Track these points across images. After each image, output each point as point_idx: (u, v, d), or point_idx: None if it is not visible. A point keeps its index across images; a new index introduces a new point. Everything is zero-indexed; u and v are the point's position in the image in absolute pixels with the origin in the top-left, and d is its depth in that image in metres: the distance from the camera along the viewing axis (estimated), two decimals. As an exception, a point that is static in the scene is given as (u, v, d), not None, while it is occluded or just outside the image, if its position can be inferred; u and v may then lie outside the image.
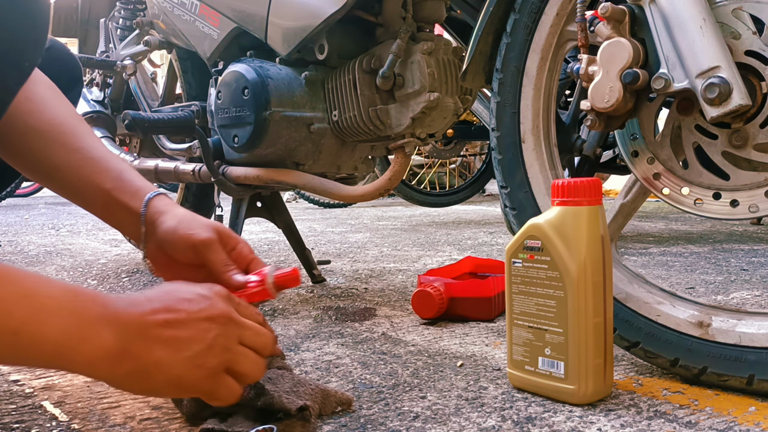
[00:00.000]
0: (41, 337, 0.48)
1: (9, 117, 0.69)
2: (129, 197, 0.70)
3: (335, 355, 0.92)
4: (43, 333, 0.48)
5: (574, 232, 0.69)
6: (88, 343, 0.50)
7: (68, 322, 0.49)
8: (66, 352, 0.49)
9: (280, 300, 1.31)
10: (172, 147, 1.46)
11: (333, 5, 1.07)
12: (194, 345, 0.54)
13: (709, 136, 0.74)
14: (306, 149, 1.21)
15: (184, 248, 0.67)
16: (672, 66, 0.72)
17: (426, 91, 1.07)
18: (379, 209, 4.04)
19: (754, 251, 1.89)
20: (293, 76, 1.18)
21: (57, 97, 0.74)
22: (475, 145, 4.36)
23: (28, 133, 0.70)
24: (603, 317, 0.70)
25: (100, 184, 0.70)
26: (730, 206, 0.74)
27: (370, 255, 1.96)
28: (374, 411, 0.70)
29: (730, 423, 0.66)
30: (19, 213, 4.06)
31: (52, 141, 0.71)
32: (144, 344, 0.52)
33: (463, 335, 1.02)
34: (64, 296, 0.50)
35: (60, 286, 0.51)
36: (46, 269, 1.78)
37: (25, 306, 0.48)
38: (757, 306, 1.20)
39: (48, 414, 0.71)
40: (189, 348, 0.54)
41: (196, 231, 0.67)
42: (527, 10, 0.88)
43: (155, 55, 1.87)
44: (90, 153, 0.72)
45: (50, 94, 0.74)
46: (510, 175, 0.91)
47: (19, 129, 0.70)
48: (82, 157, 0.71)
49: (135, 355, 0.52)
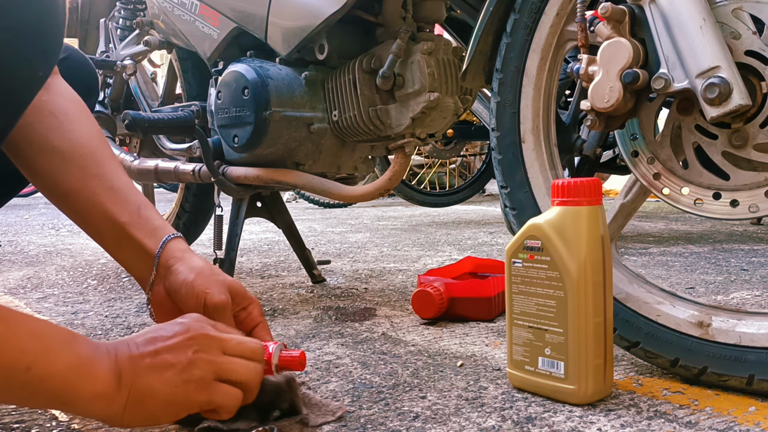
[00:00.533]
0: (50, 373, 0.51)
1: (29, 131, 0.67)
2: (144, 235, 0.69)
3: (335, 355, 0.92)
4: (52, 369, 0.51)
5: (574, 232, 0.69)
6: (91, 377, 0.53)
7: (73, 360, 0.53)
8: (71, 387, 0.52)
9: (280, 300, 1.31)
10: (172, 147, 1.46)
11: (333, 5, 1.07)
12: (177, 363, 0.57)
13: (709, 136, 0.74)
14: (306, 149, 1.21)
15: (196, 305, 0.67)
16: (672, 66, 0.72)
17: (426, 91, 1.07)
18: (379, 209, 4.04)
19: (754, 251, 1.89)
20: (293, 76, 1.18)
21: (83, 116, 0.72)
22: (475, 145, 4.36)
23: (48, 152, 0.68)
24: (603, 317, 0.70)
25: (116, 217, 0.69)
26: (730, 206, 0.74)
27: (370, 255, 1.96)
28: (374, 411, 0.70)
29: (730, 423, 0.66)
30: (19, 213, 4.06)
31: (71, 163, 0.69)
32: (134, 375, 0.55)
33: (463, 335, 1.02)
34: (66, 337, 0.54)
35: (60, 329, 0.54)
36: (46, 269, 1.78)
37: (38, 344, 0.51)
38: (757, 306, 1.20)
39: (48, 414, 0.71)
40: (173, 366, 0.56)
41: (213, 291, 0.67)
42: (527, 10, 0.88)
43: (155, 55, 1.87)
44: (110, 182, 0.70)
45: (76, 111, 0.71)
46: (510, 175, 0.91)
47: (39, 145, 0.68)
48: (100, 184, 0.69)
49: (128, 385, 0.55)
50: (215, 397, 0.58)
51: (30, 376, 0.50)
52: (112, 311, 1.24)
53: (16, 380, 0.50)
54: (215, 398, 0.58)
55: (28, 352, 0.50)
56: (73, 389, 0.52)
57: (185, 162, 1.42)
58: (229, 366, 0.59)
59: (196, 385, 0.57)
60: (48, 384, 0.51)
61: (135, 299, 1.35)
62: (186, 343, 0.58)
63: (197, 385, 0.57)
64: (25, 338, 0.51)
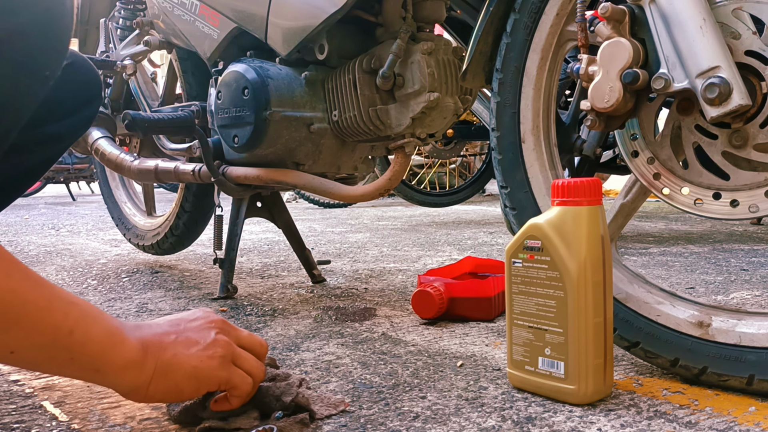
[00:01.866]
0: (90, 338, 0.54)
1: None
2: None
3: (335, 355, 0.92)
4: (90, 335, 0.54)
5: (574, 232, 0.69)
6: (122, 346, 0.56)
7: (106, 328, 0.55)
8: (106, 354, 0.55)
9: (280, 300, 1.31)
10: (172, 147, 1.46)
11: (333, 5, 1.07)
12: (201, 340, 0.61)
13: (709, 136, 0.74)
14: (306, 149, 1.21)
15: None
16: (672, 66, 0.72)
17: (426, 91, 1.07)
18: (379, 209, 4.04)
19: (754, 251, 1.89)
20: (293, 76, 1.18)
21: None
22: (475, 145, 4.36)
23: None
24: (603, 317, 0.70)
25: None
26: (730, 206, 0.74)
27: (370, 255, 1.96)
28: (374, 411, 0.70)
29: (730, 423, 0.66)
30: (19, 213, 4.06)
31: None
32: (161, 348, 0.59)
33: (463, 335, 1.02)
34: (95, 308, 0.57)
35: (86, 301, 0.57)
36: (46, 269, 1.78)
37: (77, 309, 0.53)
38: (757, 306, 1.20)
39: (48, 414, 0.71)
40: (197, 343, 0.61)
41: None
42: (527, 10, 0.88)
43: (155, 55, 1.87)
44: None
45: None
46: (510, 175, 0.91)
47: None
48: None
49: (155, 356, 0.58)
50: (234, 377, 0.62)
51: (72, 340, 0.52)
52: (112, 311, 1.24)
53: (60, 343, 0.52)
54: (233, 378, 0.62)
55: (70, 316, 0.52)
56: (108, 356, 0.55)
57: (185, 162, 1.42)
58: (243, 356, 0.64)
59: (218, 361, 0.61)
60: (87, 349, 0.54)
61: (135, 299, 1.35)
62: (208, 325, 0.63)
63: (219, 362, 0.61)
64: (66, 302, 0.53)
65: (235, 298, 1.34)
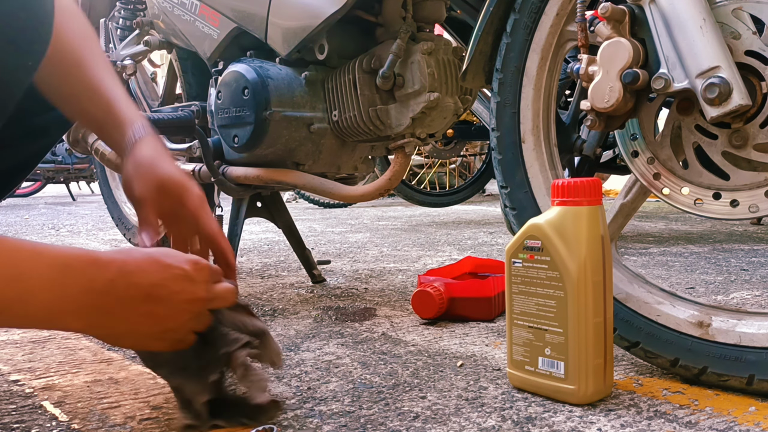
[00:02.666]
0: (25, 314, 0.55)
1: None
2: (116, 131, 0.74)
3: (335, 355, 0.92)
4: (26, 312, 0.54)
5: (574, 232, 0.69)
6: (88, 252, 0.57)
7: (51, 300, 0.55)
8: (50, 324, 0.58)
9: (280, 300, 1.31)
10: (172, 147, 1.46)
11: (333, 5, 1.07)
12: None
13: (709, 136, 0.74)
14: (306, 149, 1.21)
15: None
16: (672, 66, 0.72)
17: (426, 91, 1.07)
18: (379, 209, 4.04)
19: (754, 251, 1.89)
20: (293, 76, 1.18)
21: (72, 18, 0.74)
22: (475, 145, 4.36)
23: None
24: (603, 317, 0.70)
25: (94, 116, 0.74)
26: (730, 206, 0.74)
27: (370, 255, 1.96)
28: (374, 411, 0.70)
29: (730, 423, 0.66)
30: (19, 213, 4.06)
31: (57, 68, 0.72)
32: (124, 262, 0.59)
33: (463, 335, 1.02)
34: (50, 274, 0.55)
35: (49, 263, 0.55)
36: (46, 269, 1.78)
37: (13, 289, 0.53)
38: (757, 306, 1.20)
39: (48, 414, 0.71)
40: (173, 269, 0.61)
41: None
42: (527, 10, 0.88)
43: (155, 55, 1.87)
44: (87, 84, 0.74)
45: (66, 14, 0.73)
46: (510, 175, 0.91)
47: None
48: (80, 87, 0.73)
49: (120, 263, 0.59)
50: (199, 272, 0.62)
51: (6, 317, 0.54)
52: (112, 311, 1.24)
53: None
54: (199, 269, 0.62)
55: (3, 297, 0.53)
56: (54, 325, 0.57)
57: (185, 162, 1.42)
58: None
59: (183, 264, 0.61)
60: (26, 323, 0.57)
61: (135, 299, 1.35)
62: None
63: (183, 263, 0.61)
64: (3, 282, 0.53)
65: (235, 298, 1.34)
